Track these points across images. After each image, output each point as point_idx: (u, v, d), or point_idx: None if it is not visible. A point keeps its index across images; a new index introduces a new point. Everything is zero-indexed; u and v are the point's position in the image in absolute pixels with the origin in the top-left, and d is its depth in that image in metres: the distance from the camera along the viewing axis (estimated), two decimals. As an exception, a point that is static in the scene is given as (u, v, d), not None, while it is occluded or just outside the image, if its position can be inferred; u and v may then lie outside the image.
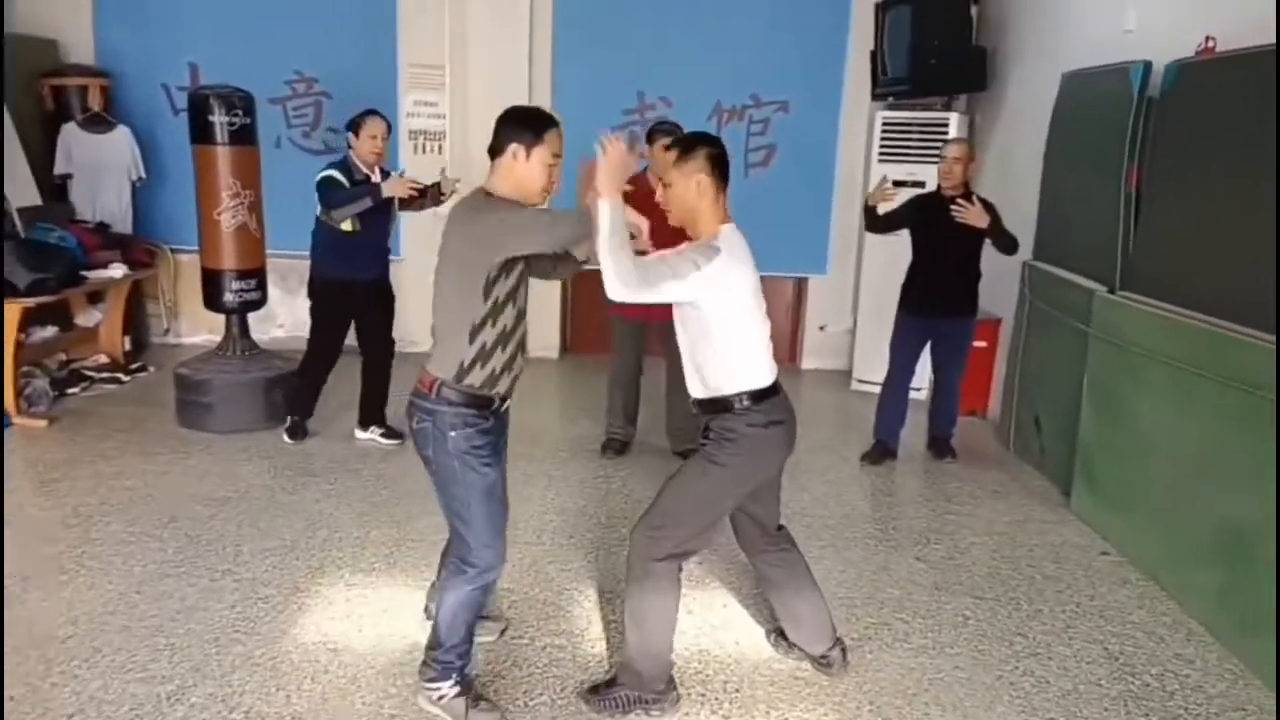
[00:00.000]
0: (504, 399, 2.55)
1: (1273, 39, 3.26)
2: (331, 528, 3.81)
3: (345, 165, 4.41)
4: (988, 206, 4.32)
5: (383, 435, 4.78)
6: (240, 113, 4.75)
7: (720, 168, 2.51)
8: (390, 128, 4.52)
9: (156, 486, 4.16)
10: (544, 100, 6.41)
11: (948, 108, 5.86)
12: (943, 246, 4.48)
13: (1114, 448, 3.94)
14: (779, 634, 3.01)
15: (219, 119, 4.69)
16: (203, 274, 4.99)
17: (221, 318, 5.17)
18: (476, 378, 2.45)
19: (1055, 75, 4.80)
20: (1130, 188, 4.03)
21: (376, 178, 4.43)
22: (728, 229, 2.51)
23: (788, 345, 6.84)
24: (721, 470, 2.54)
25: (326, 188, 4.34)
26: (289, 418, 4.82)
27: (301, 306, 6.69)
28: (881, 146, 5.95)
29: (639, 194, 4.44)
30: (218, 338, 5.29)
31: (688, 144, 2.53)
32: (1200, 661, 3.02)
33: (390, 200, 4.48)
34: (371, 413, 4.82)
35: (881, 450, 4.80)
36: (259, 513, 3.92)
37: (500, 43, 6.26)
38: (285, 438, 4.76)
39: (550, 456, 4.73)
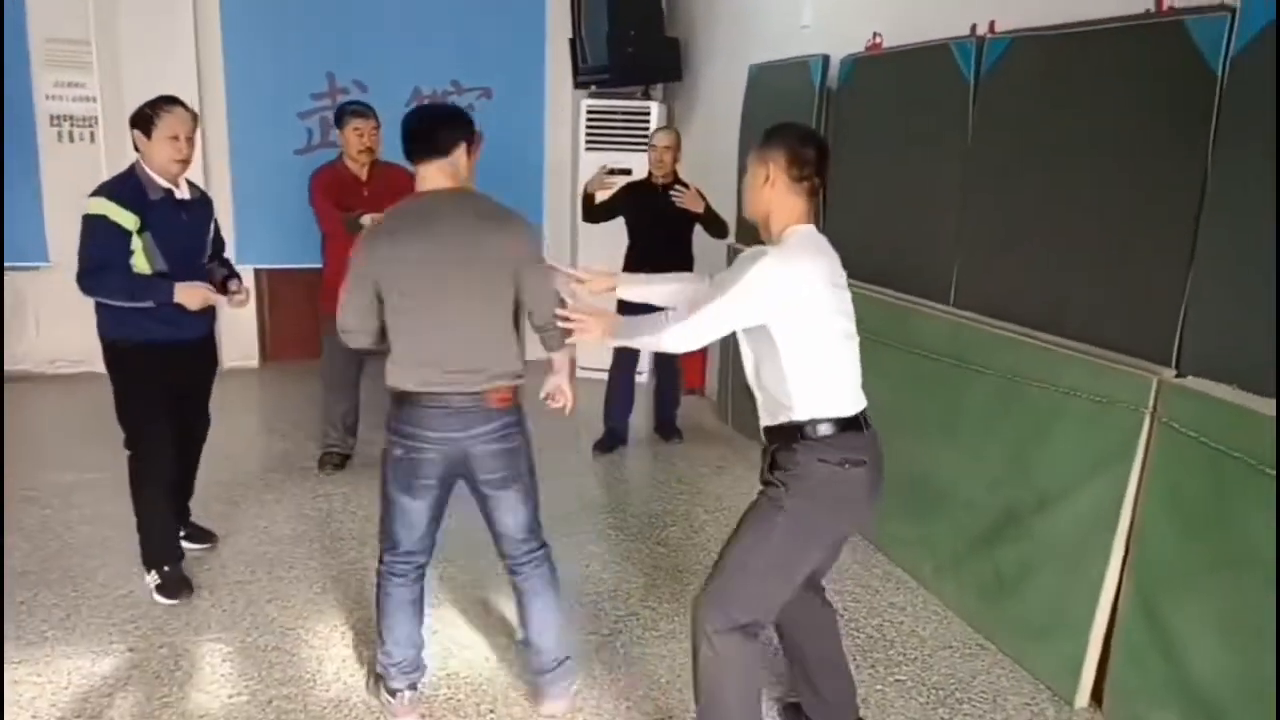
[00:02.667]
0: None
1: (927, 37, 3.62)
2: (-16, 596, 3.17)
3: (132, 183, 3.01)
4: (699, 193, 4.46)
5: (188, 538, 3.49)
6: None
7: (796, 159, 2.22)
8: (197, 120, 3.13)
9: None
10: (217, 82, 5.78)
11: (646, 96, 6.00)
12: (657, 232, 4.57)
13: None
14: (792, 709, 2.63)
15: None
16: None
17: None
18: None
19: (743, 67, 5.05)
20: (819, 173, 4.33)
21: (183, 193, 3.12)
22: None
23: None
24: (790, 519, 2.14)
25: (90, 238, 2.93)
26: (150, 571, 3.22)
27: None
28: (588, 134, 5.97)
29: (341, 182, 4.14)
30: None
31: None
32: (910, 608, 3.31)
33: (206, 218, 3.26)
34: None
35: (612, 437, 4.83)
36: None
37: (155, 14, 5.53)
38: (158, 597, 3.18)
39: (259, 479, 4.28)
